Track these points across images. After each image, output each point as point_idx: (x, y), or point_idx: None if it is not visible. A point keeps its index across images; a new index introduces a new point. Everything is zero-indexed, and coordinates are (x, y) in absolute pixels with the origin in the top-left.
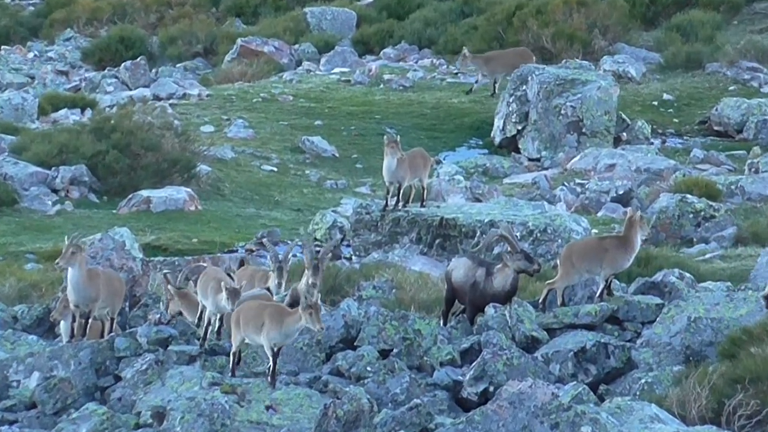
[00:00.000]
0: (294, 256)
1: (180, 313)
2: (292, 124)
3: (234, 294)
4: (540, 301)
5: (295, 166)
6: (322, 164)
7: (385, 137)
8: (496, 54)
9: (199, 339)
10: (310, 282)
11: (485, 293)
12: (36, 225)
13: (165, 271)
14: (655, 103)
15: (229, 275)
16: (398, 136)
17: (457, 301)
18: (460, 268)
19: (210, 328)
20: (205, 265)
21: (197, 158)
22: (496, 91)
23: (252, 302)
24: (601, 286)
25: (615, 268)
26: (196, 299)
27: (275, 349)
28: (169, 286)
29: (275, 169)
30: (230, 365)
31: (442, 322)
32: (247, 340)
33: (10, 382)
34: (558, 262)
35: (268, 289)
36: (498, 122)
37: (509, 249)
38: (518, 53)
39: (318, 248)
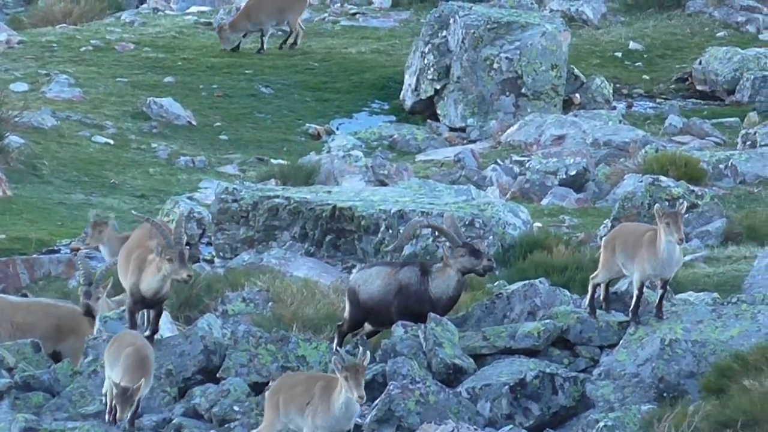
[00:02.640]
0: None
1: None
2: (134, 81)
3: None
4: (587, 303)
5: (137, 138)
6: (174, 135)
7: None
8: (256, 1)
9: (8, 369)
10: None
11: (422, 297)
12: None
13: None
14: (619, 54)
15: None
16: (111, 217)
17: (367, 324)
18: (373, 279)
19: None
20: None
21: (5, 127)
22: (265, 47)
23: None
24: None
25: (642, 272)
26: None
27: None
28: None
29: (111, 141)
30: None
31: (335, 345)
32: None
33: None
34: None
35: None
36: (409, 79)
37: (448, 243)
38: None
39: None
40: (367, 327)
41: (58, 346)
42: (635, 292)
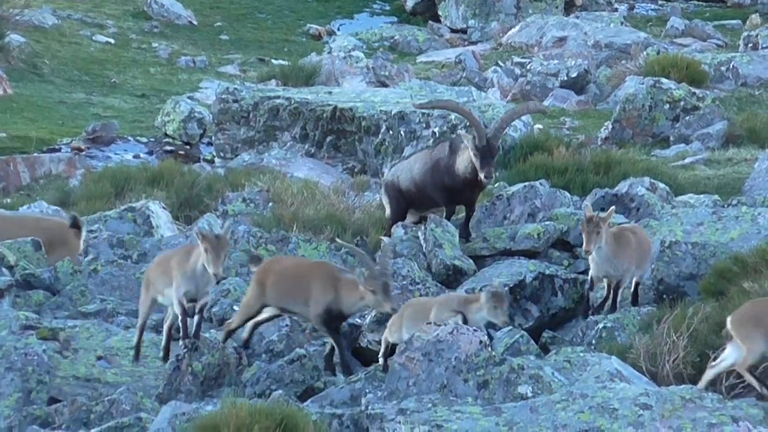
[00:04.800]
0: None
1: None
2: None
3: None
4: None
5: (138, 37)
6: (175, 35)
7: None
8: None
9: (9, 267)
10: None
11: (450, 170)
12: None
13: None
14: None
15: None
16: None
17: (411, 212)
18: (411, 165)
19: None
20: None
21: (5, 25)
22: None
23: None
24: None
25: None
26: None
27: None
28: None
29: (112, 40)
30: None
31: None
32: None
33: None
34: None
35: None
36: None
37: (473, 132)
38: None
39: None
40: (409, 219)
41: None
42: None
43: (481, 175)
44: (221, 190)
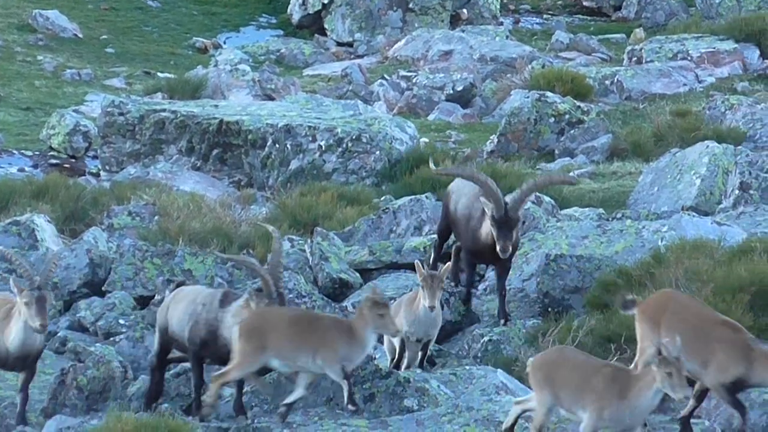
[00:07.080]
0: None
1: None
2: None
3: None
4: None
5: (23, 50)
6: (61, 48)
7: None
8: None
9: None
10: None
11: (476, 237)
12: None
13: None
14: None
15: None
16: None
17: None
18: (465, 192)
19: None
20: None
21: None
22: None
23: None
24: None
25: None
26: None
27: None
28: None
29: None
30: None
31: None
32: None
33: None
34: None
35: None
36: None
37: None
38: None
39: None
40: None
41: None
42: None
43: (498, 248)
44: (107, 204)
